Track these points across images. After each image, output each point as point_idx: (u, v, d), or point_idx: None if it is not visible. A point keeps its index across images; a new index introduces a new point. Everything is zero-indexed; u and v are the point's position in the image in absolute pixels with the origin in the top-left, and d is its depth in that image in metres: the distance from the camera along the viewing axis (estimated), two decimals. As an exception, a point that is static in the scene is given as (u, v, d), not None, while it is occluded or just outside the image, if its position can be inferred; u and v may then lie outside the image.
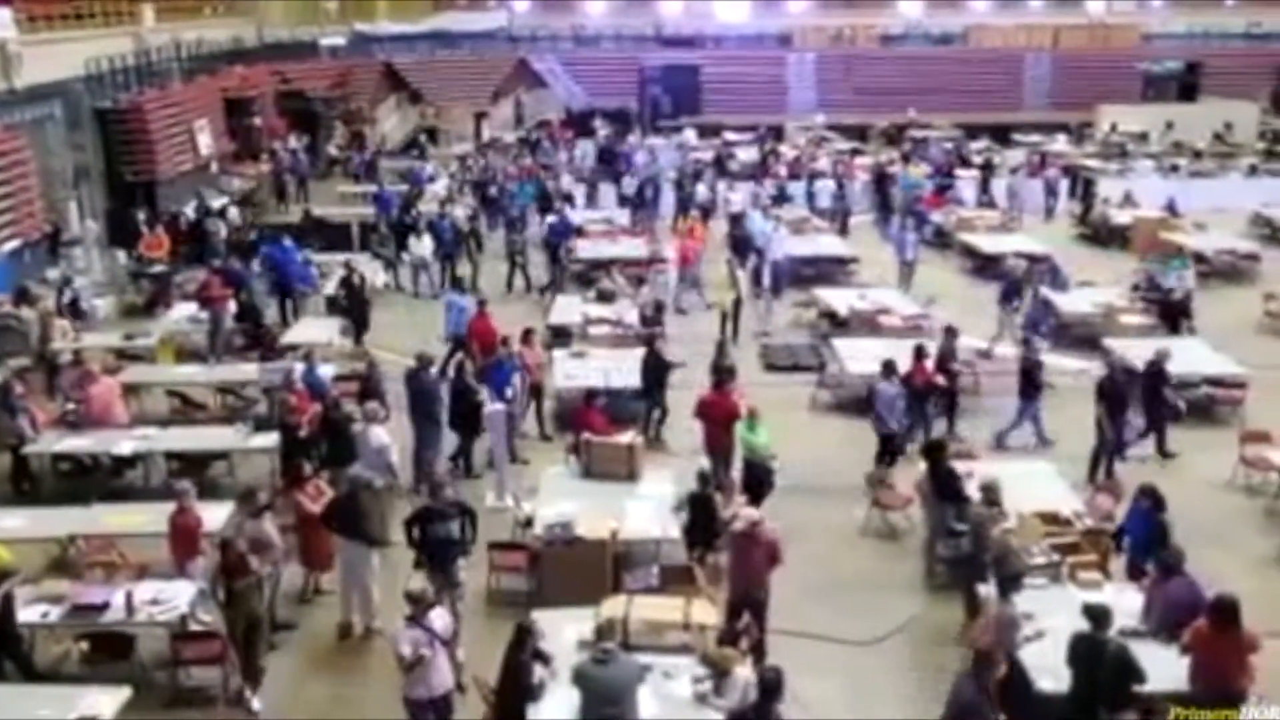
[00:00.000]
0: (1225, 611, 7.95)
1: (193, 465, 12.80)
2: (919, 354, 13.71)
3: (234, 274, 18.62)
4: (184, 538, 10.06)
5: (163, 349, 16.77)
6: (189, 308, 18.23)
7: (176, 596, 9.61)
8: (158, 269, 20.75)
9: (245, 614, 9.16)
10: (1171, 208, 24.38)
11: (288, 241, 19.67)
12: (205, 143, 27.27)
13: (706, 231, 22.75)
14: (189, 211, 23.69)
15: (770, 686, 7.26)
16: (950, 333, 14.42)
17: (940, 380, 13.72)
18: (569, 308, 18.01)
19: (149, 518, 10.78)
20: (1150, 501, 9.94)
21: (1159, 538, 9.57)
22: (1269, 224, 24.85)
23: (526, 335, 14.66)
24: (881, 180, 26.62)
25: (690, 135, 34.74)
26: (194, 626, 9.55)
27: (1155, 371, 13.57)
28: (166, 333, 17.36)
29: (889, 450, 12.80)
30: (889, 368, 13.08)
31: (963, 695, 7.43)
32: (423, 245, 20.80)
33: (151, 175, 24.40)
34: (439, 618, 8.33)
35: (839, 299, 18.42)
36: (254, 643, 9.26)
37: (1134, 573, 9.84)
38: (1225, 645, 7.93)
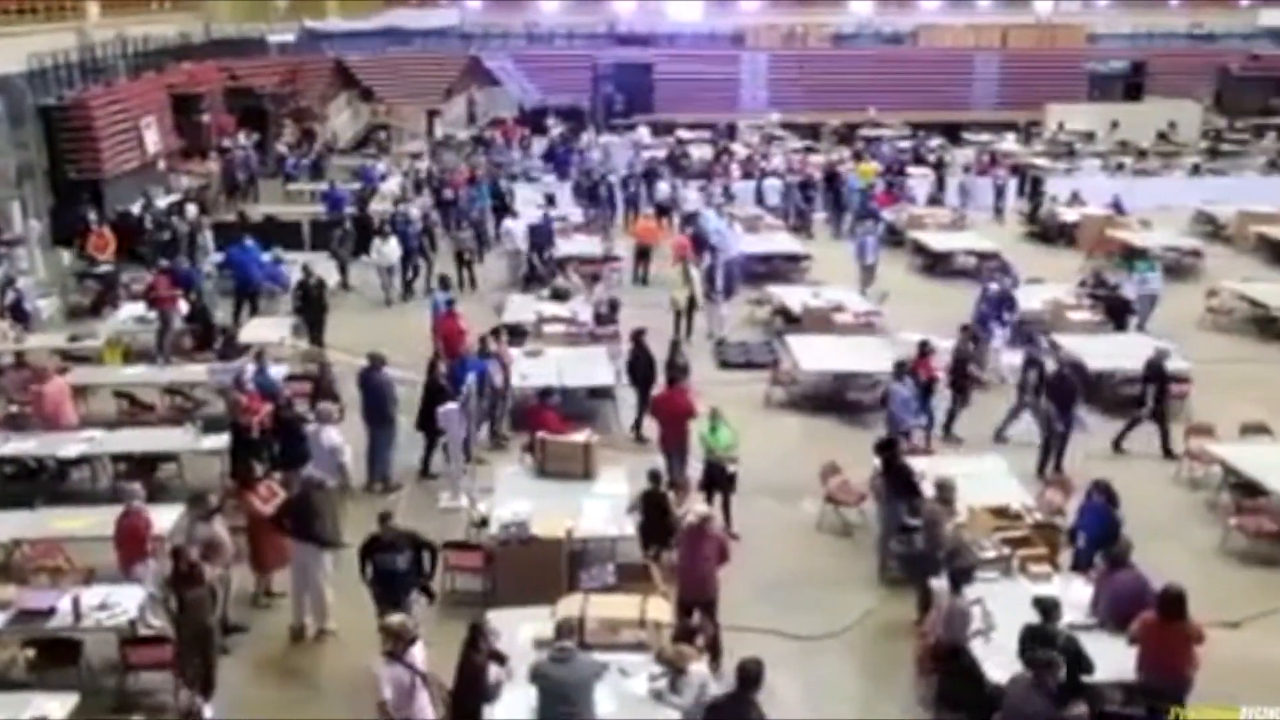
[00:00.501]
0: (1172, 603, 8.10)
1: (141, 467, 12.60)
2: (924, 350, 13.89)
3: (182, 273, 18.37)
4: (131, 541, 9.90)
5: (110, 350, 16.49)
6: (136, 308, 17.96)
7: (125, 601, 9.46)
8: (104, 269, 20.41)
9: (196, 624, 9.00)
10: (1117, 206, 24.79)
11: (249, 241, 19.41)
12: (152, 140, 26.87)
13: (666, 230, 22.94)
14: (136, 209, 23.32)
15: (749, 677, 7.26)
16: (967, 332, 14.47)
17: (940, 375, 13.86)
18: (523, 306, 17.94)
19: (96, 521, 10.61)
20: (1104, 497, 10.12)
21: (1112, 533, 9.73)
22: (1211, 221, 25.33)
23: (495, 334, 14.64)
24: (833, 179, 26.80)
25: (644, 133, 34.78)
26: (143, 631, 9.41)
27: (1155, 370, 13.69)
28: (113, 333, 17.07)
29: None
30: (901, 368, 13.19)
31: (1029, 705, 7.37)
32: (389, 248, 20.25)
33: (97, 173, 24.00)
34: (419, 652, 7.96)
35: (792, 296, 18.54)
36: (206, 653, 9.10)
37: (1081, 566, 9.99)
38: (1172, 636, 8.08)
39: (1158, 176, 30.07)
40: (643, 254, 21.47)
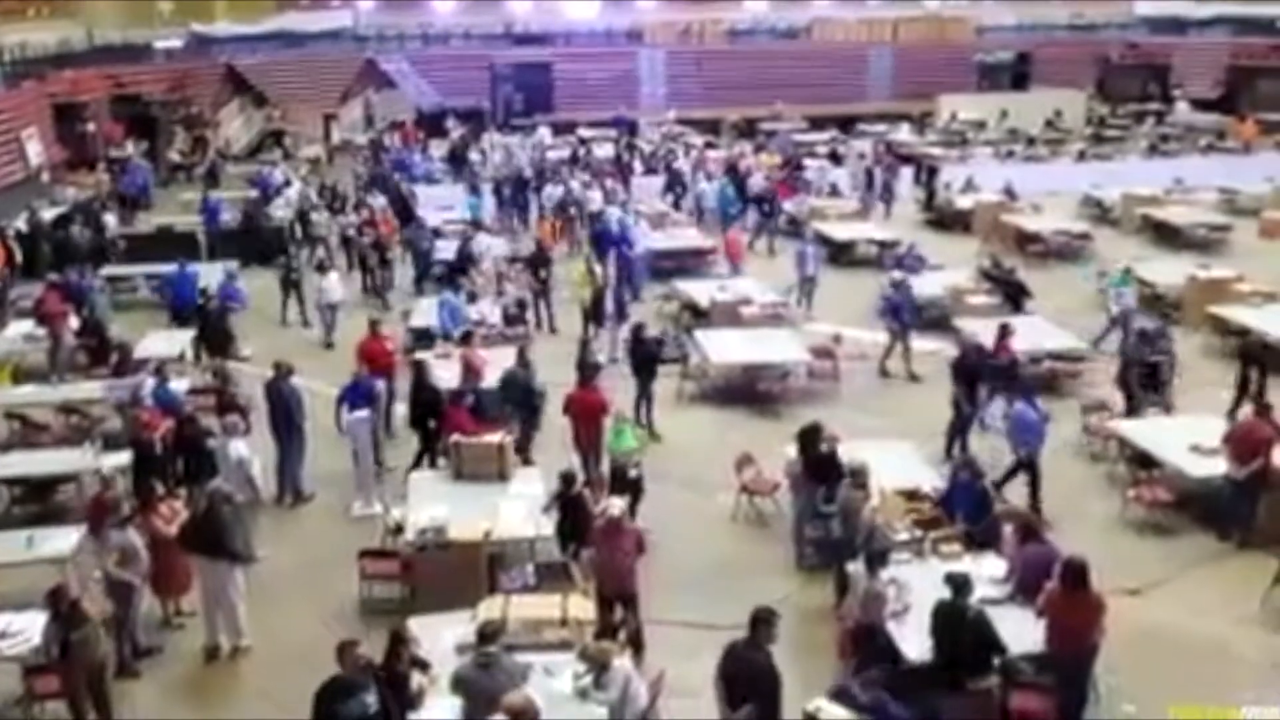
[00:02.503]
0: (1075, 574, 8.35)
1: (38, 491, 12.18)
2: (1004, 332, 14.08)
3: (74, 288, 17.78)
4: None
5: (-2, 370, 15.93)
6: (24, 325, 17.32)
7: (27, 628, 9.11)
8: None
9: (85, 663, 8.59)
10: (1009, 192, 25.50)
11: (190, 267, 18.71)
12: (35, 151, 26.05)
13: (579, 229, 22.96)
14: (14, 224, 22.44)
15: (758, 619, 7.70)
16: (1145, 337, 14.37)
17: (1019, 356, 14.04)
18: (430, 310, 17.72)
19: (-7, 548, 10.23)
20: (969, 473, 10.57)
21: (983, 504, 10.30)
22: (1099, 205, 26.19)
23: (466, 337, 14.49)
24: (734, 173, 26.95)
25: (545, 133, 34.63)
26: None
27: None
28: (2, 353, 16.47)
29: (1026, 469, 12.00)
30: (1028, 391, 12.70)
31: None
32: (330, 283, 18.50)
33: (-24, 187, 23.17)
34: None
35: (700, 291, 18.66)
36: (101, 693, 8.73)
37: (965, 541, 10.21)
38: (1076, 606, 8.33)
39: (1046, 162, 31.12)
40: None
